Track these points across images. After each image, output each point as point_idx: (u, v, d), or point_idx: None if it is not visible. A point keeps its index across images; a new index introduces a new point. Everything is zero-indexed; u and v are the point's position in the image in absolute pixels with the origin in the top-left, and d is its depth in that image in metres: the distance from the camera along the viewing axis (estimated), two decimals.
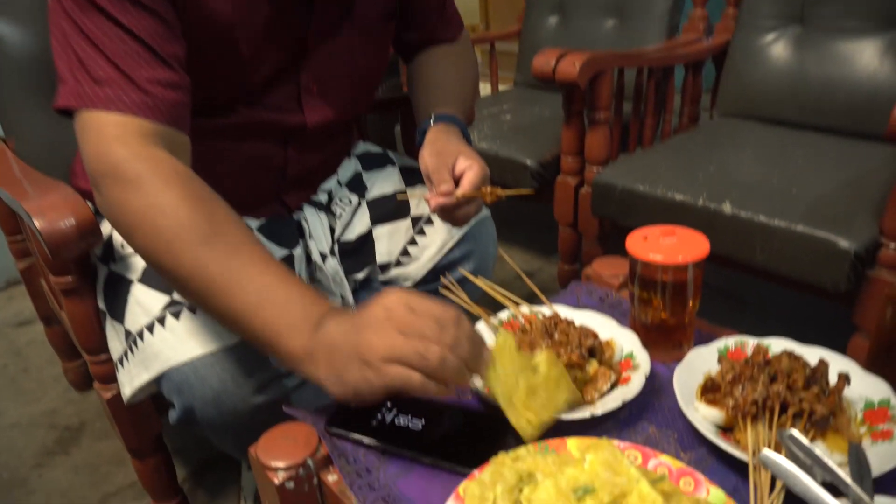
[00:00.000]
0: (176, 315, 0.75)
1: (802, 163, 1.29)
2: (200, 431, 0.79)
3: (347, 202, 0.96)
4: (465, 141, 0.87)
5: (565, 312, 0.74)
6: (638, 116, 1.60)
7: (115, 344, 0.82)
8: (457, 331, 0.54)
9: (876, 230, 1.04)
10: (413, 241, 0.96)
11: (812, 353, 0.64)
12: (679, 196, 1.20)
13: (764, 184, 1.21)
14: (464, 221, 0.83)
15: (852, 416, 0.58)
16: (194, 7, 0.70)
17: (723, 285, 1.68)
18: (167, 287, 0.77)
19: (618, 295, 0.82)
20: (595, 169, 1.43)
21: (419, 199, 0.96)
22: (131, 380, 0.78)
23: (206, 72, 0.73)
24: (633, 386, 0.62)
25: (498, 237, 1.04)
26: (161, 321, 0.75)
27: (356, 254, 0.96)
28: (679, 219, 1.20)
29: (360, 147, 1.04)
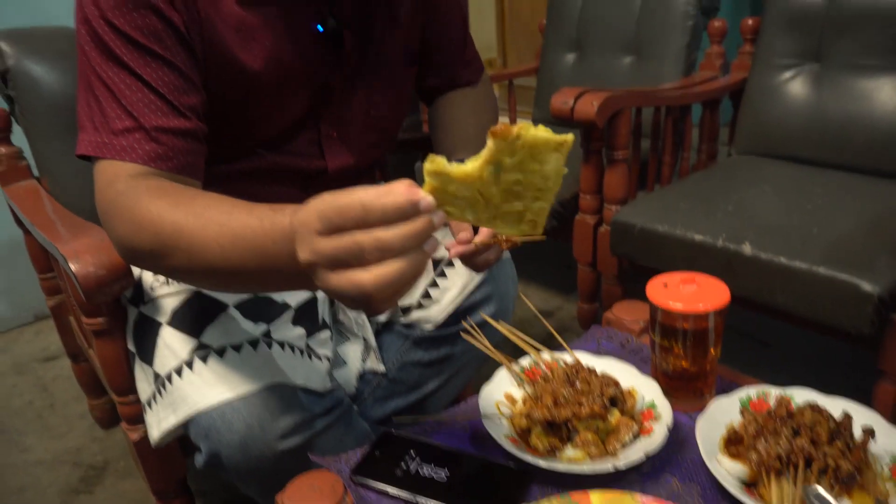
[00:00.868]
0: (203, 359, 0.77)
1: (822, 202, 1.29)
2: (226, 476, 0.80)
3: None
4: None
5: (586, 359, 0.75)
6: (656, 154, 1.61)
7: (144, 385, 0.83)
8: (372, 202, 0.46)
9: None
10: (434, 284, 0.97)
11: (836, 405, 0.64)
12: (698, 236, 1.21)
13: (783, 224, 1.21)
14: (484, 267, 0.84)
15: (878, 472, 0.58)
16: (225, 63, 0.73)
17: (745, 326, 1.66)
18: (195, 330, 0.79)
19: (639, 340, 0.82)
20: (614, 208, 1.44)
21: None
22: (159, 422, 0.80)
23: (230, 120, 0.76)
24: (656, 438, 0.62)
25: (518, 275, 1.05)
26: (189, 364, 0.77)
27: None
28: (698, 259, 1.20)
29: None
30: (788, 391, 0.67)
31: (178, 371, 0.77)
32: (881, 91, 1.42)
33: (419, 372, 0.99)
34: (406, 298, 0.98)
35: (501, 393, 0.73)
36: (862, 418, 0.62)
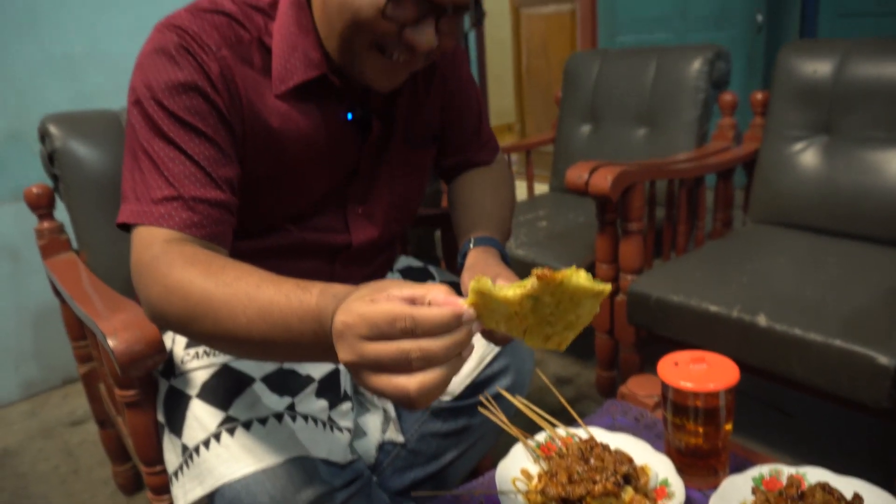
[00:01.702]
0: (231, 431, 0.79)
1: (836, 271, 1.30)
2: None
3: None
4: (504, 263, 0.92)
5: (601, 435, 0.76)
6: (671, 222, 1.64)
7: (172, 457, 0.86)
8: (415, 313, 0.49)
9: None
10: None
11: (848, 485, 0.65)
12: (713, 307, 1.23)
13: (798, 295, 1.22)
14: (504, 342, 0.87)
15: None
16: (264, 143, 0.79)
17: (763, 395, 1.65)
18: (223, 403, 0.82)
19: (653, 415, 0.84)
20: (629, 277, 1.46)
21: None
22: (185, 494, 0.82)
23: (263, 194, 0.82)
24: None
25: None
26: (217, 437, 0.80)
27: None
28: (714, 330, 1.22)
29: (402, 261, 1.11)
30: (801, 470, 0.68)
31: (206, 443, 0.80)
32: (890, 163, 1.45)
33: (438, 443, 1.01)
34: None
35: (518, 468, 0.75)
36: (874, 499, 0.62)
